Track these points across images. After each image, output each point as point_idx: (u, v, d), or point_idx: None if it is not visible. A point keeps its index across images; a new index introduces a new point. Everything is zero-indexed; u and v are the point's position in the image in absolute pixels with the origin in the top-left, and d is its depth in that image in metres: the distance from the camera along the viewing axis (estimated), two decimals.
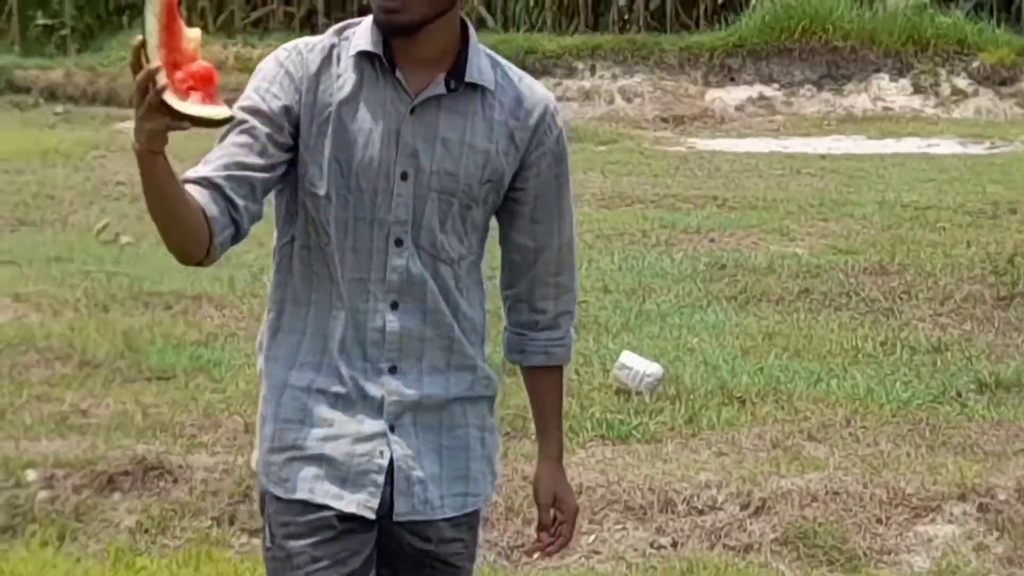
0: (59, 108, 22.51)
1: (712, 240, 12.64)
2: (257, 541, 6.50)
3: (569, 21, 23.62)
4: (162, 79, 3.17)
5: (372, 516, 3.54)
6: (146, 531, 6.66)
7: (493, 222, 3.75)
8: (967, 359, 9.07)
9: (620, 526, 6.75)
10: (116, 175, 16.19)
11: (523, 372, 3.81)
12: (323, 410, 3.58)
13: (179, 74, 3.27)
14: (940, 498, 6.80)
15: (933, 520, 6.68)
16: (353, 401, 3.56)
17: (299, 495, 3.56)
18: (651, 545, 6.52)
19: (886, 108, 21.45)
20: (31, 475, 6.83)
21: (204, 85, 3.25)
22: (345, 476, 3.56)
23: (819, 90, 21.85)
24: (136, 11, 25.10)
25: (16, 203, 14.48)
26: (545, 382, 3.79)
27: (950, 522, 6.60)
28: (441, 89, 3.44)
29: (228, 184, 3.40)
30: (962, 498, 6.73)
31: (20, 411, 7.86)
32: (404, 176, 3.48)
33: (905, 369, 8.93)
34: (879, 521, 6.61)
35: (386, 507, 3.56)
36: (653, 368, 8.49)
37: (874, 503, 6.80)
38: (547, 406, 3.77)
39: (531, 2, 23.77)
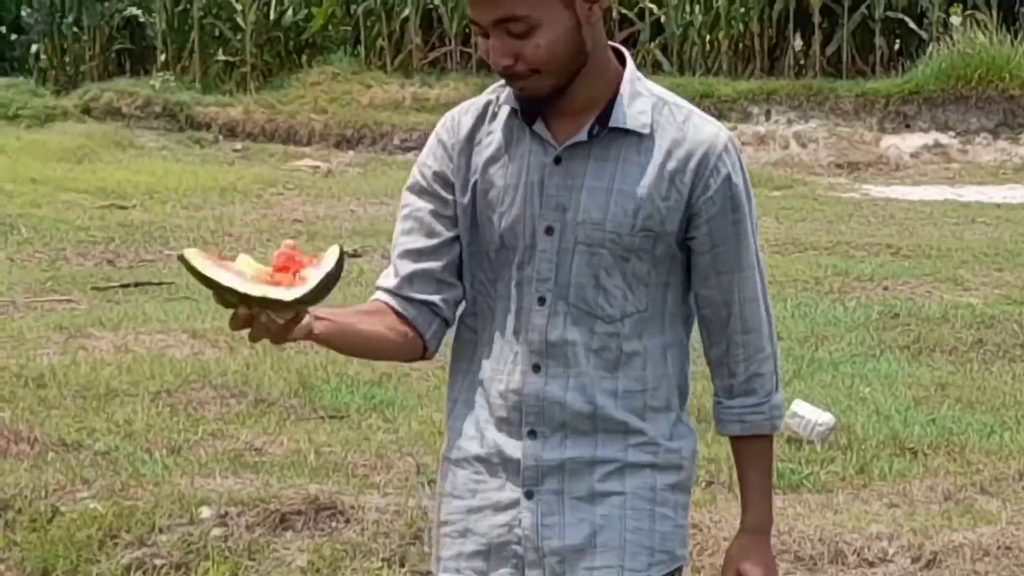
0: (238, 145, 22.80)
1: (885, 288, 12.51)
2: None
3: (745, 65, 23.46)
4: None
5: None
6: (317, 571, 6.67)
7: None
8: None
9: None
10: (292, 212, 16.41)
11: (729, 441, 3.56)
12: (468, 479, 3.48)
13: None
14: None
15: None
16: (495, 467, 3.44)
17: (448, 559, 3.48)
18: None
19: None
20: (205, 512, 6.83)
21: (288, 269, 3.16)
22: (488, 550, 3.46)
23: (995, 138, 21.61)
24: (316, 49, 25.43)
25: (194, 238, 14.65)
26: (745, 453, 3.52)
27: None
28: (583, 136, 3.29)
29: (412, 290, 3.42)
30: None
31: (195, 447, 7.91)
32: (549, 231, 3.33)
33: None
34: None
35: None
36: (825, 417, 8.40)
37: None
38: (747, 478, 3.51)
39: (707, 46, 23.54)
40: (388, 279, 3.43)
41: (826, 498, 7.39)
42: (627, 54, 3.33)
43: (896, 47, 23.44)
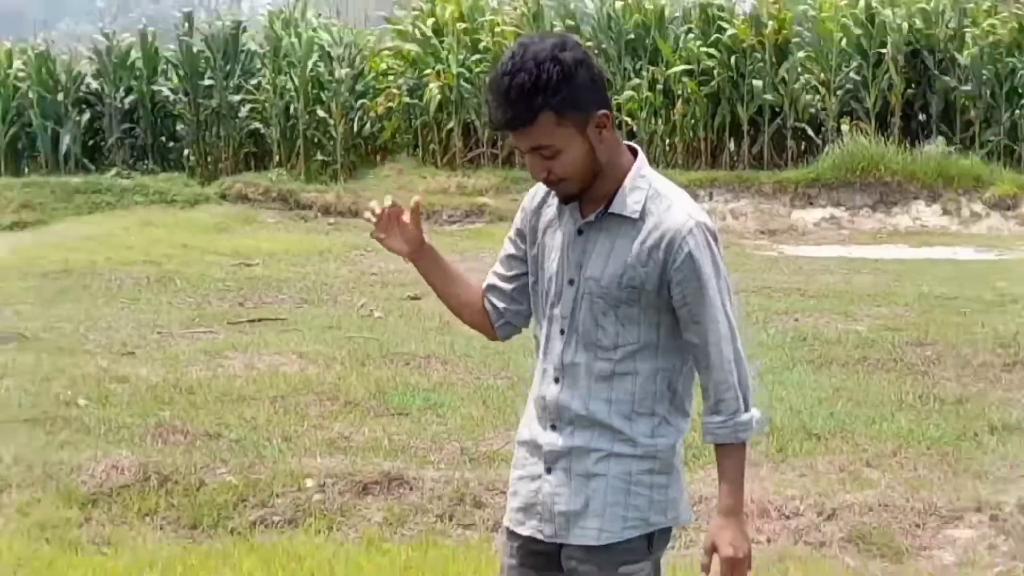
0: (331, 220, 22.82)
1: (796, 319, 12.49)
2: (470, 533, 6.75)
3: (694, 161, 23.47)
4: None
5: (542, 537, 3.46)
6: (390, 524, 6.69)
7: None
8: (981, 409, 8.89)
9: None
10: (371, 268, 16.45)
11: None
12: (520, 456, 3.53)
13: None
14: (962, 510, 6.69)
15: (956, 526, 6.57)
16: (533, 450, 3.48)
17: (505, 523, 3.57)
18: (752, 541, 6.46)
19: (922, 225, 21.22)
20: (309, 483, 6.95)
21: None
22: (525, 507, 3.50)
23: (874, 212, 21.67)
24: (387, 151, 25.54)
25: (300, 287, 14.72)
26: (720, 456, 3.47)
27: (969, 528, 6.49)
28: (593, 218, 3.35)
29: (490, 294, 3.62)
30: (978, 510, 6.62)
31: (301, 437, 7.91)
32: (571, 282, 3.37)
33: (936, 415, 8.73)
34: (917, 526, 6.50)
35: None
36: (755, 413, 8.41)
37: (914, 513, 6.68)
38: (722, 475, 3.45)
39: (667, 148, 23.52)
40: (487, 281, 3.62)
41: (755, 470, 7.41)
42: (640, 151, 3.36)
43: (803, 147, 23.46)
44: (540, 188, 3.44)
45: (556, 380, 3.41)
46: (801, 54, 23.16)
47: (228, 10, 37.65)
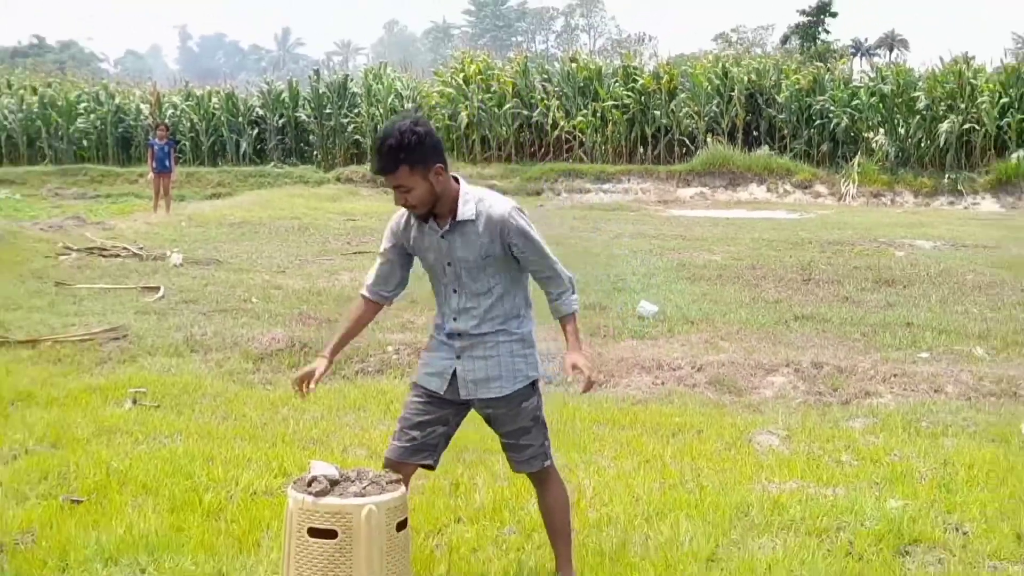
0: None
1: (679, 254, 12.62)
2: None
3: (619, 159, 24.24)
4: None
5: (449, 397, 3.31)
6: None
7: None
8: (789, 306, 9.11)
9: (639, 376, 6.72)
10: None
11: (559, 322, 3.42)
12: (434, 347, 3.35)
13: None
14: (777, 366, 6.91)
15: (774, 375, 6.74)
16: (444, 345, 3.31)
17: (416, 380, 3.39)
18: (652, 383, 6.41)
19: (755, 198, 21.73)
20: (389, 348, 7.03)
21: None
22: (437, 374, 3.29)
23: (725, 190, 22.06)
24: None
25: (380, 233, 14.42)
26: (566, 323, 3.29)
27: (781, 376, 6.77)
28: (447, 227, 3.22)
29: (379, 290, 3.34)
30: (787, 366, 6.91)
31: (385, 321, 7.46)
32: (449, 264, 3.27)
33: (762, 309, 8.84)
34: (752, 375, 6.75)
35: (457, 393, 3.34)
36: (654, 308, 8.61)
37: (748, 367, 6.76)
38: (570, 332, 3.27)
39: (602, 151, 24.29)
40: (370, 287, 3.39)
41: (655, 341, 7.59)
42: (461, 179, 3.29)
43: (684, 151, 24.04)
44: (402, 218, 3.37)
45: (455, 319, 3.32)
46: (683, 95, 24.80)
47: (340, 68, 43.15)
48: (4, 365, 6.31)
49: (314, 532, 2.86)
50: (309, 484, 2.95)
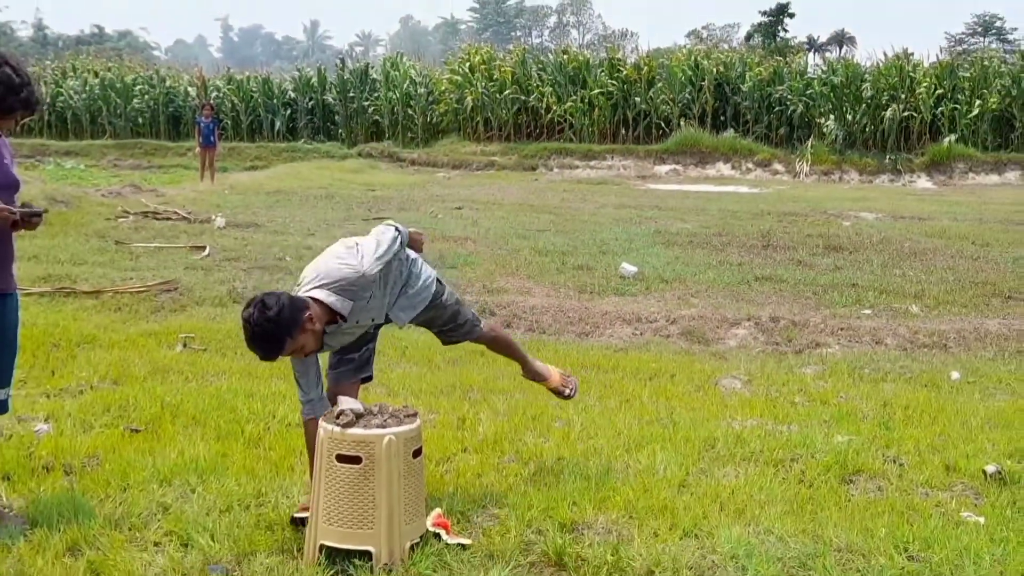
0: (415, 168, 23.08)
1: (656, 222, 12.71)
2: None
3: (604, 139, 24.14)
4: None
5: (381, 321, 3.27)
6: None
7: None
8: (751, 268, 9.19)
9: (620, 328, 6.79)
10: (436, 193, 15.99)
11: None
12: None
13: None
14: (740, 319, 6.98)
15: (737, 327, 6.83)
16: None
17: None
18: (632, 334, 6.38)
19: (721, 175, 21.39)
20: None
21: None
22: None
23: (696, 167, 21.70)
24: (443, 131, 24.94)
25: (398, 202, 14.21)
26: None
27: (744, 329, 6.87)
28: (343, 321, 3.02)
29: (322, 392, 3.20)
30: (748, 319, 6.98)
31: None
32: (374, 320, 3.12)
33: (728, 270, 8.99)
34: (718, 328, 6.85)
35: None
36: (634, 268, 8.69)
37: (715, 320, 6.88)
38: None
39: (589, 132, 23.85)
40: (312, 401, 3.08)
41: (634, 298, 7.80)
42: (320, 298, 2.97)
43: (660, 132, 23.92)
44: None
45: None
46: (660, 84, 24.66)
47: (362, 57, 42.75)
48: (72, 312, 6.33)
49: (341, 458, 2.87)
50: (337, 417, 2.93)
